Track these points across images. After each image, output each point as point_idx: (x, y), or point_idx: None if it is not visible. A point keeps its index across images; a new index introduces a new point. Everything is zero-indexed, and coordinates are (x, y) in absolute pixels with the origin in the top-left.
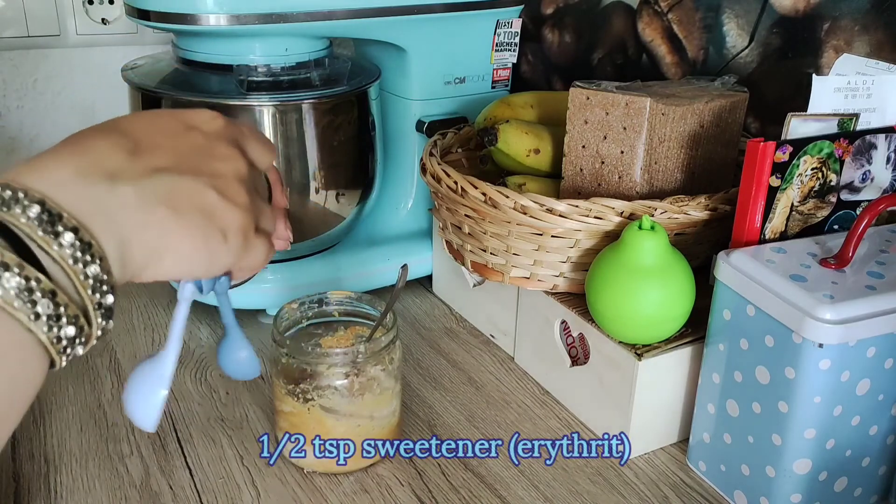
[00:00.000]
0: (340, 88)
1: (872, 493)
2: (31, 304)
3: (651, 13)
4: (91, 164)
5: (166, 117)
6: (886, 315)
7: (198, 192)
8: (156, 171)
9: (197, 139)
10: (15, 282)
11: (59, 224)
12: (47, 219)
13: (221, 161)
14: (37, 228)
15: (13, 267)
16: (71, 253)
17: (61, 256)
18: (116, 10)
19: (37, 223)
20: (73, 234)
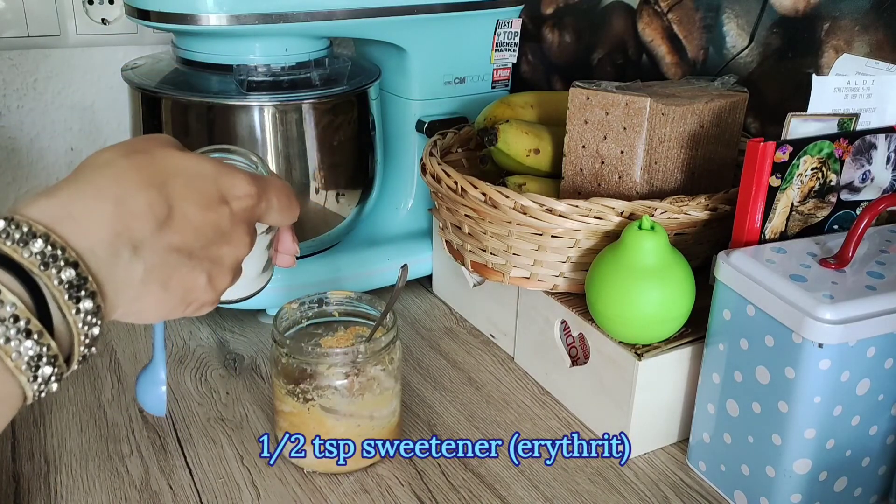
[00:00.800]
0: (340, 88)
1: (872, 493)
2: (34, 369)
3: (651, 13)
4: (123, 230)
5: (208, 181)
6: (886, 315)
7: (192, 276)
8: (171, 250)
9: (222, 220)
10: (32, 350)
11: (83, 288)
12: (76, 283)
13: (230, 248)
14: (64, 293)
15: (35, 334)
16: (83, 318)
17: (75, 321)
18: (116, 10)
19: (66, 287)
20: (91, 300)
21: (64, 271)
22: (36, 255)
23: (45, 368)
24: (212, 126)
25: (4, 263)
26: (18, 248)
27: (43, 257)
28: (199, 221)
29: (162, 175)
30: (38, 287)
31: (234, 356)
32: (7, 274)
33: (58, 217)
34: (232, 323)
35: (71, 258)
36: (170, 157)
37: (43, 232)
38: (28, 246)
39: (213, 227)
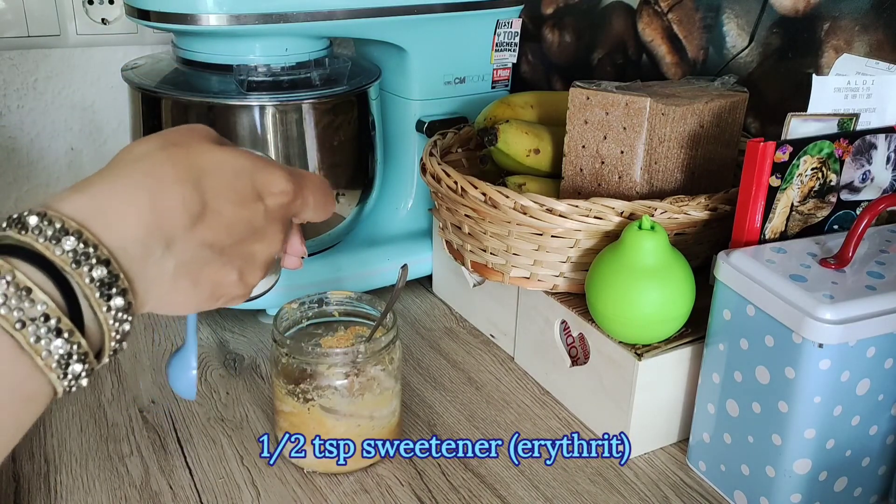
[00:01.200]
0: (340, 88)
1: (872, 493)
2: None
3: (651, 13)
4: (156, 227)
5: (243, 176)
6: (886, 315)
7: (223, 271)
8: (203, 245)
9: (256, 217)
10: (62, 349)
11: (114, 286)
12: (108, 281)
13: (263, 245)
14: (96, 291)
15: (65, 332)
16: (114, 314)
17: (105, 318)
18: (116, 10)
19: (97, 285)
20: (122, 297)
21: (95, 269)
22: (68, 252)
23: (75, 366)
24: (212, 126)
25: (36, 261)
26: (51, 245)
27: (75, 255)
28: (233, 218)
29: (197, 170)
30: (70, 284)
31: (234, 356)
32: (39, 272)
33: (90, 213)
34: (232, 323)
35: (103, 256)
36: (207, 152)
37: (75, 229)
38: (60, 243)
39: (246, 223)
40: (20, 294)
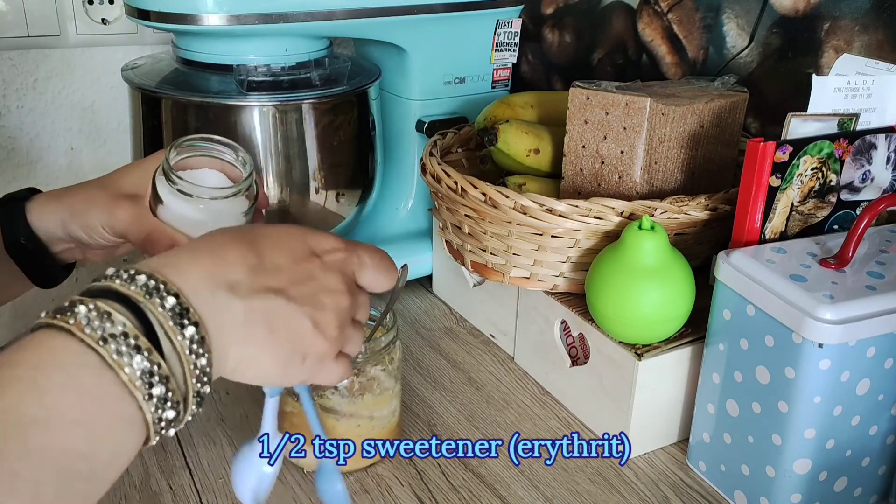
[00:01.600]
0: (340, 88)
1: (872, 493)
2: (148, 386)
3: (651, 13)
4: (218, 272)
5: (296, 238)
6: (886, 315)
7: (295, 319)
8: (267, 290)
9: (314, 268)
10: (143, 365)
11: (186, 317)
12: (178, 311)
13: (328, 294)
14: (169, 319)
15: (144, 350)
16: (188, 345)
17: (181, 346)
18: (116, 10)
19: (170, 314)
20: (194, 328)
21: (166, 300)
22: (140, 287)
23: (159, 387)
24: (212, 126)
25: (113, 296)
26: (126, 283)
27: (147, 289)
28: (291, 269)
29: (252, 235)
30: (146, 315)
31: None
32: (116, 303)
33: (159, 265)
34: None
35: (172, 289)
36: (259, 226)
37: (146, 272)
38: (134, 281)
39: (306, 273)
40: (101, 316)
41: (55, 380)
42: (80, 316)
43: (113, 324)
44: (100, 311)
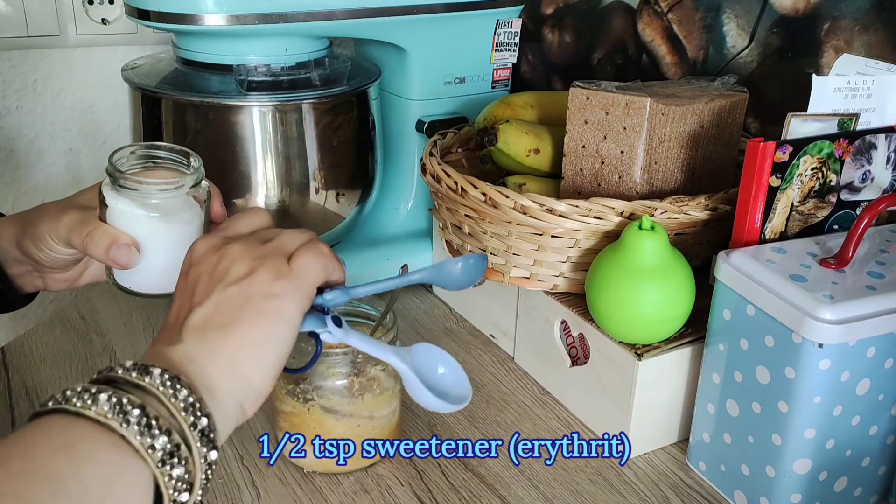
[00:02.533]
0: (340, 88)
1: (872, 493)
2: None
3: (651, 13)
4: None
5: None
6: (886, 315)
7: (230, 294)
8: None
9: (245, 246)
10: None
11: (200, 410)
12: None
13: (275, 241)
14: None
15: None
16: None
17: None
18: (116, 10)
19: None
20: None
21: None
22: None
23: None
24: (212, 126)
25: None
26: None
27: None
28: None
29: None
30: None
31: None
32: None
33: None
34: None
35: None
36: None
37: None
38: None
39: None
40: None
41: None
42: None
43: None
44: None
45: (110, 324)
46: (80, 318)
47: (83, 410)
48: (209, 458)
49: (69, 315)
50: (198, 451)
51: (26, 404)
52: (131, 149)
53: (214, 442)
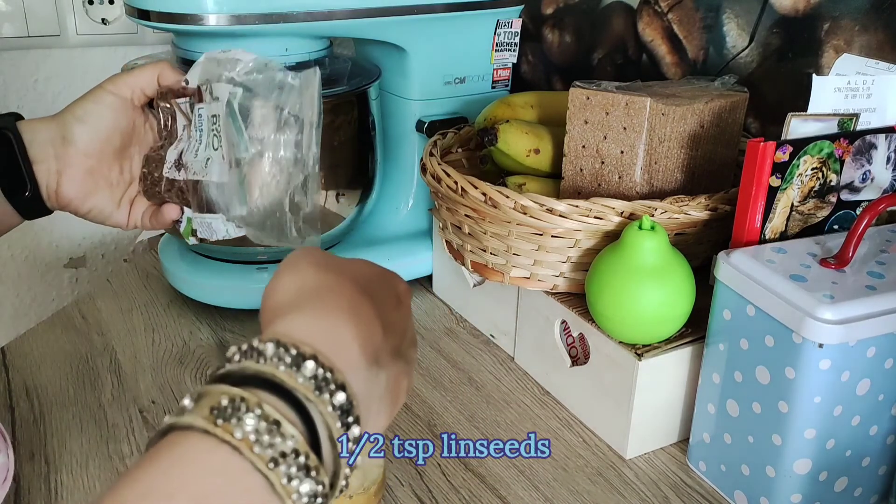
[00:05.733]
0: (340, 88)
1: (872, 493)
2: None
3: (651, 13)
4: (366, 343)
5: (385, 280)
6: (886, 315)
7: (406, 379)
8: (395, 353)
9: (405, 317)
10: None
11: (350, 413)
12: (346, 408)
13: (414, 346)
14: (336, 420)
15: (312, 470)
16: (351, 446)
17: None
18: (116, 10)
19: (337, 414)
20: (357, 426)
21: (335, 396)
22: (309, 379)
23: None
24: None
25: (278, 390)
26: (292, 372)
27: (316, 382)
28: (397, 321)
29: (363, 280)
30: (309, 414)
31: None
32: (282, 402)
33: (318, 336)
34: (232, 323)
35: (339, 379)
36: (349, 264)
37: (311, 353)
38: (301, 370)
39: (403, 324)
40: (271, 429)
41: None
42: (249, 429)
43: (283, 438)
44: (268, 420)
45: (111, 323)
46: (81, 318)
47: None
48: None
49: (69, 315)
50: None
51: (26, 404)
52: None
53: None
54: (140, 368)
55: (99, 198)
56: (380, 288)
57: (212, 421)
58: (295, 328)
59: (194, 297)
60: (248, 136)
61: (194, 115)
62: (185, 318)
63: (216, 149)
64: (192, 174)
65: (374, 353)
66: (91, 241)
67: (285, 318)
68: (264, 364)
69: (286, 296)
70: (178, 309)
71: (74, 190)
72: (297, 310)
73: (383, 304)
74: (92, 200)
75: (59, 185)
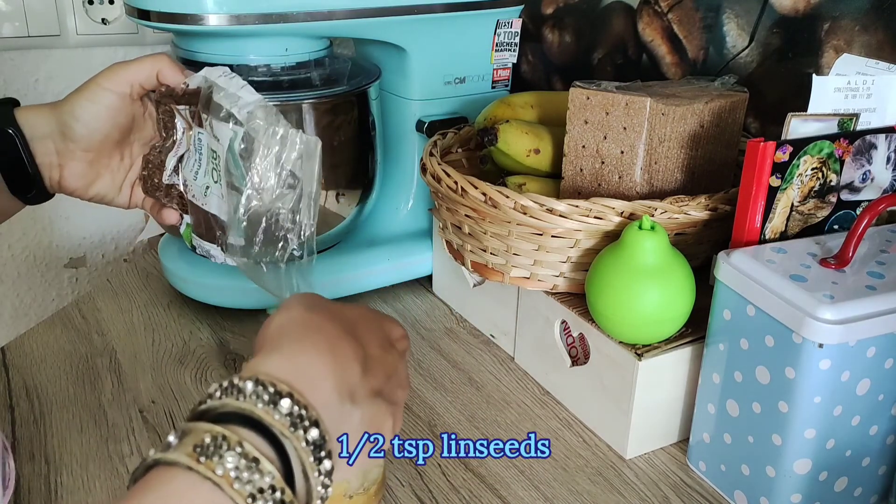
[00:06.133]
0: (340, 88)
1: (872, 493)
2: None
3: (651, 13)
4: (340, 381)
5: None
6: (886, 315)
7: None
8: (373, 393)
9: (395, 360)
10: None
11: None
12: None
13: (402, 389)
14: (310, 455)
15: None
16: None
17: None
18: (116, 10)
19: (311, 449)
20: (329, 460)
21: (309, 432)
22: (285, 416)
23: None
24: None
25: (257, 427)
26: (269, 409)
27: (291, 418)
28: (383, 362)
29: (348, 323)
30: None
31: (234, 356)
32: (260, 438)
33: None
34: (232, 323)
35: (313, 416)
36: (340, 308)
37: (287, 391)
38: (277, 407)
39: (391, 367)
40: (250, 466)
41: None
42: (230, 466)
43: (261, 475)
44: (248, 457)
45: (111, 323)
46: (81, 318)
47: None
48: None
49: (70, 314)
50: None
51: (26, 404)
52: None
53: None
54: (140, 368)
55: (101, 184)
56: (368, 330)
57: (195, 458)
58: (273, 366)
59: (194, 297)
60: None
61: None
62: (185, 318)
63: (216, 181)
64: (191, 195)
65: (350, 390)
66: (91, 241)
67: (267, 357)
68: (244, 401)
69: (274, 332)
70: (178, 309)
71: (76, 181)
72: (277, 348)
73: (368, 345)
74: (94, 188)
75: (62, 177)
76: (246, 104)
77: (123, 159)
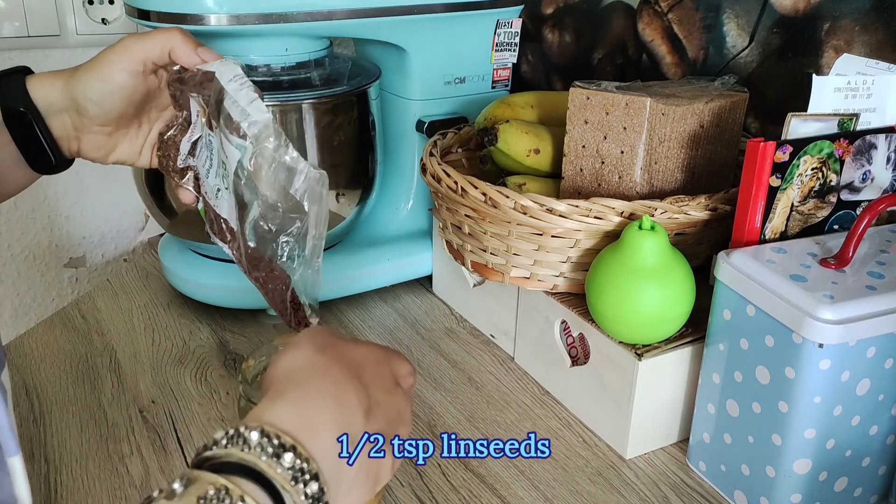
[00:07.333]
0: (340, 88)
1: (872, 492)
2: None
3: (651, 13)
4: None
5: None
6: (886, 315)
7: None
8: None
9: (399, 401)
10: None
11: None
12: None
13: (404, 427)
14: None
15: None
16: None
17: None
18: (116, 10)
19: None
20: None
21: (309, 485)
22: (287, 469)
23: None
24: None
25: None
26: (272, 462)
27: (293, 472)
28: (387, 406)
29: (355, 366)
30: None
31: (234, 356)
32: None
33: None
34: (232, 323)
35: (314, 470)
36: (350, 348)
37: (291, 444)
38: (280, 460)
39: (395, 409)
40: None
41: None
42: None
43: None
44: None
45: (111, 323)
46: (81, 318)
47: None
48: None
49: (70, 314)
50: None
51: (26, 404)
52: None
53: None
54: (140, 368)
55: (120, 151)
56: (374, 372)
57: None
58: (278, 415)
59: (194, 297)
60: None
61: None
62: (185, 318)
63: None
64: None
65: (351, 437)
66: (91, 241)
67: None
68: (248, 453)
69: (282, 374)
70: (178, 309)
71: (95, 152)
72: (283, 393)
73: (373, 389)
74: (114, 156)
75: (80, 148)
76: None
77: (142, 125)
